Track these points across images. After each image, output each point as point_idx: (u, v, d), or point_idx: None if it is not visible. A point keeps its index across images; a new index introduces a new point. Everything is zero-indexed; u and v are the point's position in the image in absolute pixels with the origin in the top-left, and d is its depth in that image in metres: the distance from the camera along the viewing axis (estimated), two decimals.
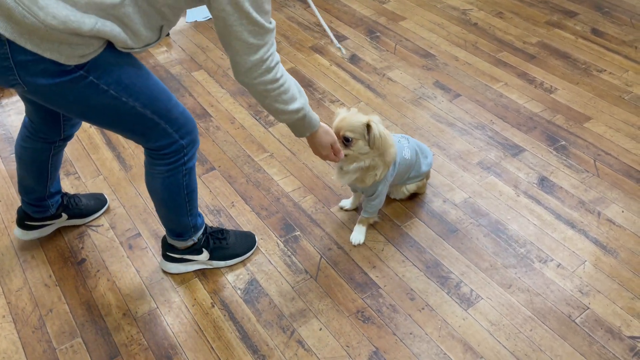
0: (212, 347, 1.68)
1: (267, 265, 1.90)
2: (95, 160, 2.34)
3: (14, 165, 2.31)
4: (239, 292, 1.82)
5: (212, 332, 1.72)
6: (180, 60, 2.91)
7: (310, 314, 1.75)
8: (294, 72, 2.80)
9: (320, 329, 1.71)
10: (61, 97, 1.33)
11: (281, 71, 1.41)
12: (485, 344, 1.66)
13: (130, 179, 2.24)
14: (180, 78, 2.79)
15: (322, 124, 1.64)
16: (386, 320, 1.73)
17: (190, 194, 1.67)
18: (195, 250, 1.82)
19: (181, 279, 1.87)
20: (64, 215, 1.97)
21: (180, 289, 1.84)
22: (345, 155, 1.74)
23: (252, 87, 1.42)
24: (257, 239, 1.95)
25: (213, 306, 1.79)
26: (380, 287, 1.82)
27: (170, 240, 1.79)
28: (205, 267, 1.88)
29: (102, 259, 1.94)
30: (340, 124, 1.72)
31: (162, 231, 2.03)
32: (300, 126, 1.58)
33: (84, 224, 2.03)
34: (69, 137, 1.77)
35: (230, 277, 1.87)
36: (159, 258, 1.93)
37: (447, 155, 2.30)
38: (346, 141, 1.72)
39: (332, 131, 1.69)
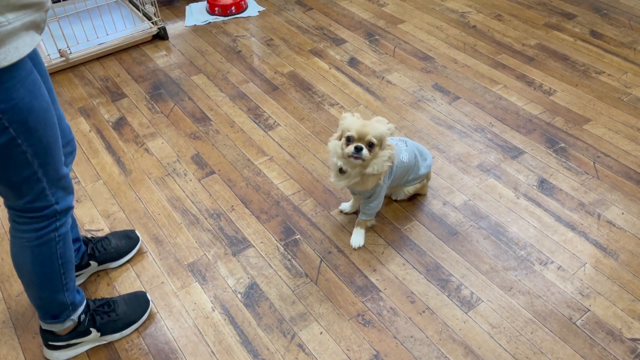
0: (212, 352, 1.67)
1: (267, 269, 1.90)
2: (95, 165, 2.34)
3: None
4: (239, 296, 1.82)
5: (212, 336, 1.71)
6: (179, 64, 2.92)
7: (311, 317, 1.75)
8: (293, 75, 2.80)
9: (321, 333, 1.71)
10: None
11: None
12: (486, 346, 1.66)
13: (130, 184, 2.24)
14: (180, 82, 2.79)
15: None
16: (387, 323, 1.73)
17: (65, 264, 1.44)
18: (81, 332, 1.60)
19: (181, 283, 1.86)
20: (93, 264, 1.82)
21: (180, 294, 1.83)
22: (363, 160, 1.74)
23: None
24: (149, 297, 1.77)
25: (213, 310, 1.78)
26: (380, 290, 1.82)
27: (45, 326, 1.55)
28: (98, 344, 1.67)
29: None
30: (365, 129, 1.72)
31: (163, 235, 2.03)
32: None
33: (121, 264, 1.91)
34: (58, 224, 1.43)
35: (230, 281, 1.87)
36: (159, 262, 1.93)
37: (447, 157, 2.31)
38: (370, 146, 1.73)
39: None
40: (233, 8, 3.31)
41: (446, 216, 2.06)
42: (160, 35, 3.11)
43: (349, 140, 1.74)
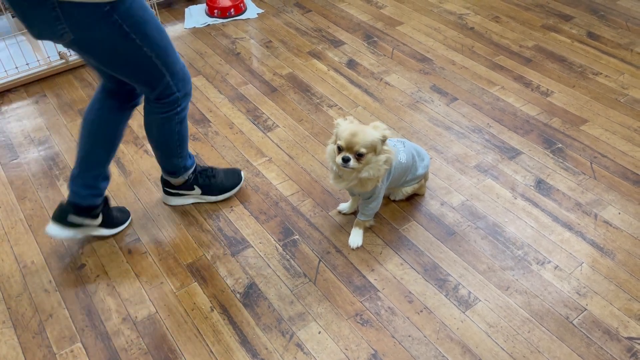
0: (211, 351, 1.68)
1: (266, 269, 1.91)
2: None
3: (13, 172, 2.33)
4: (238, 296, 1.83)
5: (211, 336, 1.72)
6: None
7: (309, 317, 1.76)
8: (292, 77, 2.82)
9: (319, 332, 1.72)
10: (97, 41, 1.53)
11: None
12: (483, 345, 1.67)
13: (129, 184, 2.25)
14: None
15: None
16: (385, 323, 1.74)
17: (181, 139, 1.89)
18: (188, 186, 2.07)
19: (180, 283, 1.88)
20: (99, 218, 1.94)
21: (179, 294, 1.84)
22: (352, 169, 1.76)
23: None
24: (243, 175, 2.18)
25: (212, 310, 1.79)
26: (378, 290, 1.83)
27: (165, 177, 2.05)
28: (199, 200, 2.13)
29: (101, 264, 1.95)
30: (354, 140, 1.72)
31: (163, 236, 2.04)
32: None
33: (110, 235, 2.05)
34: (137, 102, 1.86)
35: (229, 281, 1.88)
36: (159, 263, 1.94)
37: (445, 158, 2.32)
38: (359, 156, 1.74)
39: None
40: (232, 10, 3.32)
41: (444, 216, 2.07)
42: None
43: (340, 149, 1.75)
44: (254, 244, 1.99)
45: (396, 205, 2.12)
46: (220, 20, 3.31)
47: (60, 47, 2.90)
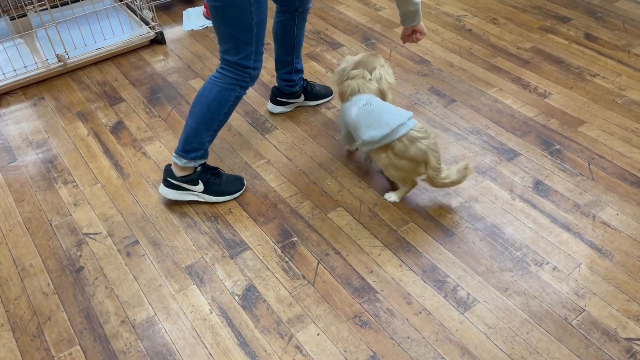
0: (210, 354, 1.68)
1: (265, 271, 1.91)
2: (93, 169, 2.35)
3: (12, 175, 2.33)
4: (236, 298, 1.83)
5: (210, 338, 1.72)
6: (177, 69, 2.93)
7: (308, 319, 1.76)
8: None
9: (318, 334, 1.72)
10: None
11: None
12: (482, 347, 1.67)
13: (128, 187, 2.25)
14: (177, 86, 2.80)
15: None
16: (383, 324, 1.74)
17: (226, 115, 1.97)
18: (192, 180, 2.07)
19: (179, 286, 1.87)
20: (302, 97, 2.53)
21: (178, 296, 1.84)
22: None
23: None
24: (245, 182, 2.20)
25: (211, 312, 1.79)
26: (377, 292, 1.83)
27: (174, 159, 2.04)
28: (198, 199, 2.12)
29: (100, 266, 1.95)
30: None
31: (161, 238, 2.04)
32: (415, 15, 2.07)
33: (316, 105, 2.58)
34: (304, 9, 2.25)
35: (228, 283, 1.88)
36: (157, 265, 1.94)
37: (443, 160, 2.32)
38: None
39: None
40: None
41: (442, 218, 2.07)
42: (158, 40, 3.13)
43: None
44: (253, 246, 1.99)
45: (394, 207, 2.12)
46: None
47: (59, 49, 2.90)
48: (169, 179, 2.08)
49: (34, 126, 2.59)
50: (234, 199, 2.15)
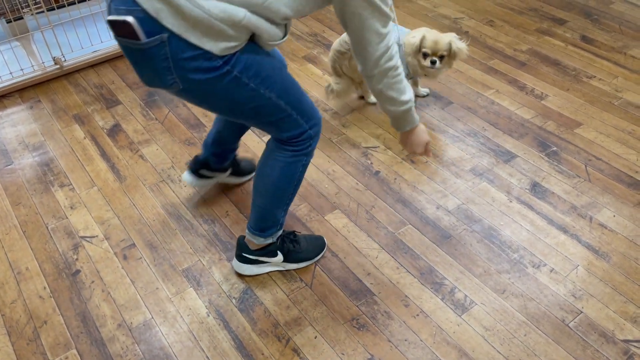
0: (207, 357, 1.68)
1: (262, 274, 1.90)
2: (90, 172, 2.34)
3: (8, 178, 2.32)
4: (233, 301, 1.83)
5: (207, 341, 1.72)
6: None
7: (305, 322, 1.76)
8: None
9: (316, 337, 1.72)
10: (210, 93, 1.47)
11: (399, 60, 1.55)
12: (479, 349, 1.67)
13: (124, 190, 2.24)
14: None
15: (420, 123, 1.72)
16: (381, 327, 1.74)
17: (296, 187, 1.74)
18: (270, 252, 1.85)
19: (176, 289, 1.87)
20: (228, 171, 2.15)
21: (175, 299, 1.84)
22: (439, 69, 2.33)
23: (377, 77, 1.53)
24: (326, 241, 1.99)
25: (208, 315, 1.79)
26: (374, 294, 1.83)
27: (249, 236, 1.82)
28: (278, 269, 1.91)
29: (96, 270, 1.94)
30: (437, 47, 2.30)
31: (158, 241, 2.03)
32: (404, 119, 1.66)
33: (238, 183, 2.23)
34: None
35: (225, 286, 1.87)
36: (154, 268, 1.94)
37: (440, 162, 2.32)
38: (441, 58, 2.32)
39: (427, 131, 1.82)
40: None
41: (439, 220, 2.07)
42: None
43: (425, 55, 2.31)
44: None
45: (392, 209, 2.12)
46: None
47: (55, 52, 2.89)
48: (243, 254, 1.85)
49: (31, 129, 2.58)
50: (317, 260, 1.95)
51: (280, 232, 1.83)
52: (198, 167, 2.07)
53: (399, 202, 2.14)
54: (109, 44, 2.99)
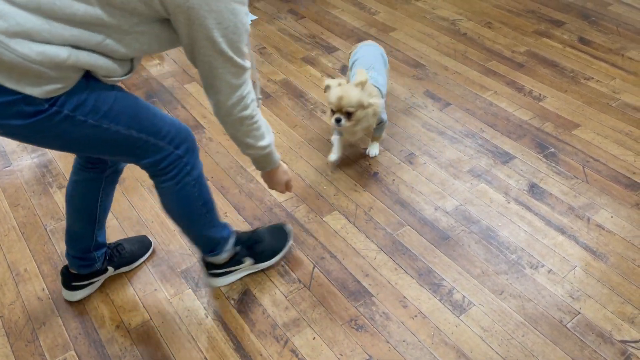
0: (205, 358, 1.68)
1: (261, 275, 1.91)
2: None
3: (7, 179, 2.32)
4: (232, 302, 1.83)
5: (205, 342, 1.72)
6: (172, 73, 2.93)
7: (304, 323, 1.76)
8: (285, 84, 2.82)
9: (314, 338, 1.72)
10: (39, 135, 1.30)
11: (256, 109, 1.46)
12: (478, 350, 1.67)
13: (123, 192, 2.24)
14: (173, 90, 2.80)
15: (281, 162, 1.69)
16: (379, 328, 1.74)
17: (206, 204, 1.63)
18: (238, 260, 1.82)
19: (175, 290, 1.87)
20: (110, 269, 1.87)
21: (173, 300, 1.84)
22: (345, 127, 2.09)
23: (230, 124, 1.45)
24: (290, 227, 1.98)
25: (206, 317, 1.79)
26: (373, 295, 1.83)
27: (207, 259, 1.79)
28: (252, 271, 1.90)
29: None
30: (341, 103, 2.04)
31: (156, 243, 2.03)
32: (264, 161, 1.62)
33: (131, 270, 1.94)
34: (117, 169, 1.69)
35: (223, 287, 1.87)
36: (152, 269, 1.94)
37: (438, 163, 2.33)
38: (348, 115, 2.06)
39: (288, 171, 1.76)
40: None
41: (438, 221, 2.07)
42: None
43: (332, 111, 2.08)
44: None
45: (390, 210, 2.12)
46: None
47: None
48: (212, 271, 1.83)
49: None
50: (287, 249, 1.94)
51: (232, 240, 1.77)
52: (67, 280, 1.81)
53: (397, 203, 2.15)
54: None
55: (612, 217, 2.07)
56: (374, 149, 2.35)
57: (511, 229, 2.03)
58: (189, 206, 1.60)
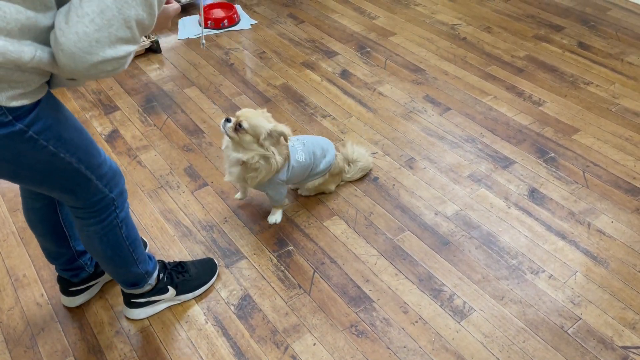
0: None
1: (261, 281, 1.90)
2: None
3: (5, 184, 2.31)
4: (232, 307, 1.82)
5: (205, 348, 1.71)
6: (172, 77, 2.93)
7: (304, 328, 1.75)
8: (285, 88, 2.82)
9: (314, 344, 1.71)
10: None
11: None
12: (478, 356, 1.66)
13: None
14: (173, 95, 2.80)
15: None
16: (380, 334, 1.73)
17: (132, 243, 1.59)
18: (160, 289, 1.76)
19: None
20: (104, 274, 1.87)
21: (173, 306, 1.83)
22: (232, 139, 1.89)
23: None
24: (216, 262, 1.92)
25: (206, 322, 1.78)
26: (373, 301, 1.83)
27: (127, 290, 1.73)
28: (173, 303, 1.82)
29: None
30: (244, 114, 1.87)
31: (156, 248, 2.03)
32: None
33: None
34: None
35: (223, 293, 1.87)
36: None
37: (438, 168, 2.32)
38: (239, 126, 1.85)
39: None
40: (226, 21, 3.33)
41: (438, 226, 2.07)
42: (153, 49, 3.13)
43: (229, 119, 1.89)
44: (248, 255, 1.99)
45: (390, 215, 2.12)
46: (214, 31, 3.32)
47: None
48: (132, 300, 1.75)
49: None
50: (212, 283, 1.89)
51: (155, 274, 1.72)
52: (66, 286, 1.81)
53: (397, 208, 2.14)
54: None
55: (612, 222, 2.07)
56: (272, 216, 2.10)
57: (512, 234, 2.03)
58: (116, 247, 1.55)
